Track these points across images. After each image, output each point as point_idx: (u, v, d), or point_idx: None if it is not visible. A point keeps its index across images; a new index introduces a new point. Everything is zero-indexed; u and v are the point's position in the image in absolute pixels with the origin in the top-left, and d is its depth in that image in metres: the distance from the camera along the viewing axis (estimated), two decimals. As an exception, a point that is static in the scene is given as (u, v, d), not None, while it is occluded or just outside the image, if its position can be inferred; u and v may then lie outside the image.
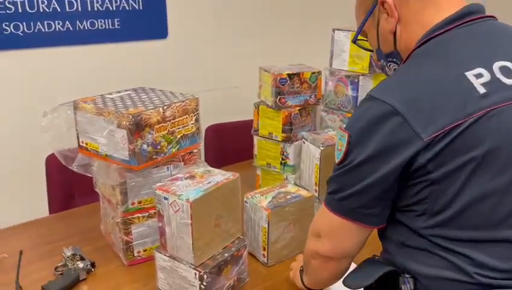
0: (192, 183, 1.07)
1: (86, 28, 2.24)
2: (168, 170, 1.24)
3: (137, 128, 1.11)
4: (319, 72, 1.51)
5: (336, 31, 1.63)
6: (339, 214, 0.86)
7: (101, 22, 2.29)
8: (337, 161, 0.85)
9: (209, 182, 1.07)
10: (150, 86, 1.40)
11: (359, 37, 0.99)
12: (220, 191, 1.06)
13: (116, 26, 2.34)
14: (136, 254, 1.24)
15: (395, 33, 0.89)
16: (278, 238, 1.23)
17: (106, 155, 1.17)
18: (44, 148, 1.72)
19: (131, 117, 1.09)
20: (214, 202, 1.05)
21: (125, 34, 2.37)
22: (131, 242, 1.22)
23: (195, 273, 1.03)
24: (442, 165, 0.75)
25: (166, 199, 1.03)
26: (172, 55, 2.53)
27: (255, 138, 1.59)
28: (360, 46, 1.05)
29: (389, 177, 0.78)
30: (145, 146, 1.14)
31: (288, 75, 1.45)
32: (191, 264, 1.04)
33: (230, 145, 2.10)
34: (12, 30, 2.03)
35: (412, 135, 0.75)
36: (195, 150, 1.29)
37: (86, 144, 1.22)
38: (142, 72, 2.40)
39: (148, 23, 2.44)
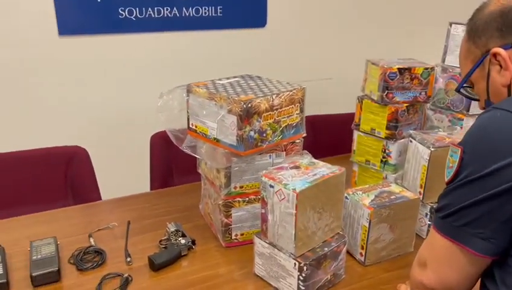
0: (298, 173, 1.06)
1: (191, 14, 2.33)
2: (270, 158, 1.25)
3: (247, 115, 1.13)
4: (432, 68, 1.42)
5: (453, 25, 1.52)
6: (442, 233, 0.80)
7: (205, 9, 2.36)
8: (447, 179, 0.81)
9: (315, 174, 1.06)
10: (245, 73, 1.42)
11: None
12: (326, 184, 1.05)
13: (219, 14, 2.40)
14: (233, 237, 1.28)
15: (509, 86, 0.82)
16: (378, 238, 1.18)
17: (215, 139, 1.21)
18: (150, 128, 1.85)
19: (242, 104, 1.11)
20: (319, 194, 1.04)
21: (226, 21, 2.42)
22: (230, 225, 1.26)
23: (295, 264, 1.03)
24: None
25: (272, 186, 1.04)
26: (268, 44, 2.54)
27: (355, 133, 1.55)
28: (465, 96, 0.99)
29: (502, 195, 0.72)
30: (252, 133, 1.15)
31: (399, 69, 1.38)
32: (292, 254, 1.04)
33: (323, 138, 2.06)
34: (127, 15, 2.17)
35: None
36: (298, 141, 1.28)
37: (196, 126, 1.27)
38: (240, 60, 2.45)
39: (249, 11, 2.48)
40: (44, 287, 1.10)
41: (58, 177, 1.70)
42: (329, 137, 2.01)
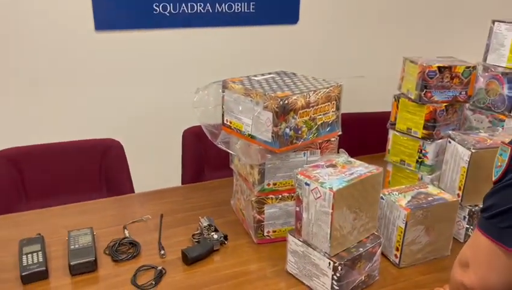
0: (335, 172, 1.05)
1: (224, 10, 2.33)
2: (304, 155, 1.24)
3: (283, 111, 1.12)
4: (474, 67, 1.37)
5: (496, 23, 1.46)
6: (487, 234, 0.78)
7: (237, 5, 2.36)
8: (494, 178, 0.78)
9: (352, 173, 1.04)
10: (278, 70, 1.41)
11: None
12: (363, 184, 1.03)
13: (251, 10, 2.40)
14: (265, 234, 1.27)
15: None
16: (414, 240, 1.16)
17: (249, 135, 1.21)
18: (183, 122, 1.86)
19: (279, 100, 1.10)
20: (356, 194, 1.02)
21: (258, 17, 2.42)
22: (263, 221, 1.26)
23: (330, 263, 1.02)
24: None
25: (307, 184, 1.03)
26: (300, 40, 2.52)
27: (391, 132, 1.51)
28: None
29: None
30: (287, 130, 1.15)
31: (438, 68, 1.35)
32: (326, 253, 1.03)
33: (355, 136, 2.03)
34: (161, 10, 2.19)
35: None
36: (333, 139, 1.27)
37: (230, 122, 1.27)
38: (271, 56, 2.44)
39: (281, 8, 2.46)
40: (82, 276, 1.13)
41: (93, 169, 1.74)
42: (361, 136, 1.98)
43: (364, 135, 2.00)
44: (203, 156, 1.88)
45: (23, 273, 1.08)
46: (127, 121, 2.22)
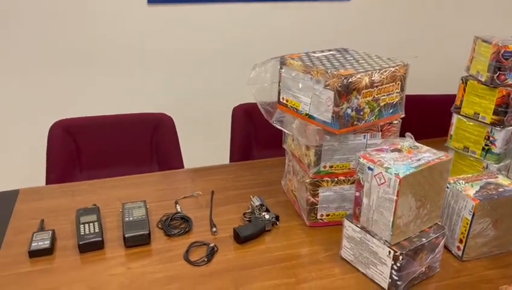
0: (400, 157, 0.99)
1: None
2: (364, 138, 1.18)
3: (346, 91, 1.06)
4: (557, 48, 1.25)
5: None
6: None
7: (291, -21, 2.28)
8: None
9: (419, 159, 0.98)
10: (327, 48, 1.34)
11: None
12: (431, 171, 0.97)
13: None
14: (318, 217, 1.24)
15: None
16: (480, 233, 1.09)
17: (306, 114, 1.16)
18: (234, 99, 1.84)
19: (342, 78, 1.05)
20: (423, 181, 0.96)
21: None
22: (316, 204, 1.22)
23: (390, 252, 0.97)
24: None
25: (370, 169, 0.97)
26: (353, 18, 2.42)
27: (455, 116, 1.42)
28: None
29: None
30: (349, 110, 1.09)
31: (516, 48, 1.23)
32: (387, 241, 0.98)
33: (412, 119, 1.94)
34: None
35: None
36: (396, 122, 1.20)
37: (287, 100, 1.22)
38: (324, 34, 2.35)
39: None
40: (135, 248, 1.14)
41: (145, 142, 1.75)
42: (419, 119, 1.88)
43: (422, 118, 1.91)
44: (252, 134, 1.85)
45: (80, 242, 1.11)
46: (177, 97, 2.23)
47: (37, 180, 1.62)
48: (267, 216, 1.23)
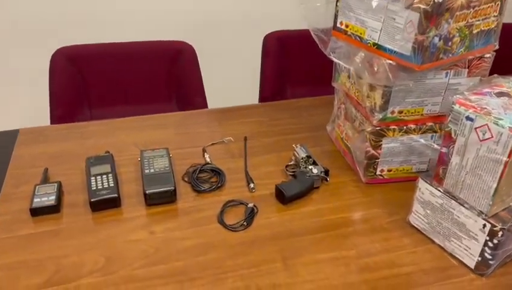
0: (510, 103, 0.74)
1: None
2: (446, 76, 0.92)
3: (436, 11, 0.79)
4: None
5: None
6: None
7: None
8: None
9: (537, 108, 0.73)
10: None
11: None
12: (553, 123, 0.72)
13: None
14: (378, 172, 1.02)
15: None
16: None
17: (374, 44, 0.90)
18: (267, 25, 1.55)
19: (435, -5, 0.77)
20: (541, 137, 0.72)
21: None
22: (378, 158, 0.99)
23: (485, 225, 0.76)
24: None
25: (470, 119, 0.73)
26: None
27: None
28: None
29: None
30: (436, 39, 0.83)
31: None
32: (482, 212, 0.77)
33: (504, 52, 1.65)
34: None
35: None
36: (488, 55, 0.93)
37: (346, 26, 0.96)
38: None
39: None
40: (158, 207, 0.94)
41: (162, 75, 1.51)
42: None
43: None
44: (286, 68, 1.59)
45: (92, 200, 0.91)
46: (199, 23, 1.92)
47: (40, 119, 1.40)
48: (315, 170, 1.01)
